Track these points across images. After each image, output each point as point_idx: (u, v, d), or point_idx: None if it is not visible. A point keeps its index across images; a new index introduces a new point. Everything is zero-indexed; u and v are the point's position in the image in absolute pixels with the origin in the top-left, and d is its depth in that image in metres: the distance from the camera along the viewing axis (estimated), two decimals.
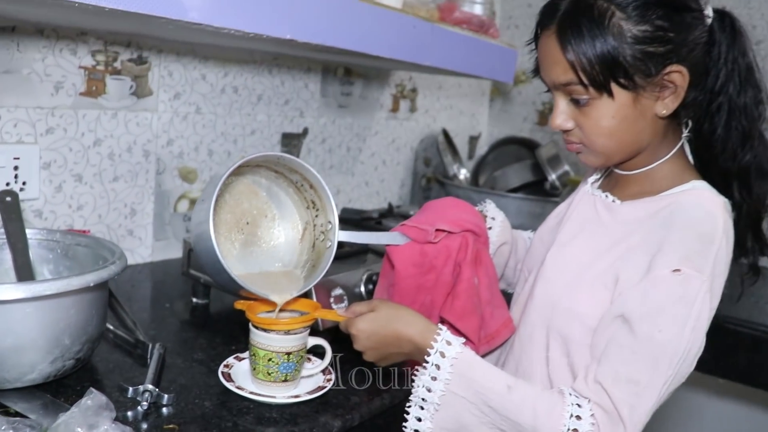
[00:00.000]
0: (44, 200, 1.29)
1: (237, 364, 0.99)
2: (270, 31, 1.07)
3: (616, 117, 0.86)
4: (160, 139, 1.46)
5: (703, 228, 0.84)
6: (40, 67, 1.24)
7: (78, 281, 0.85)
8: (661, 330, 0.80)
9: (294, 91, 1.76)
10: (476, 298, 0.99)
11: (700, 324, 0.81)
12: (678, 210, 0.86)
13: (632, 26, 0.82)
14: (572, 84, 0.86)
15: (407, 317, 0.90)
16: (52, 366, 0.87)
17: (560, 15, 0.86)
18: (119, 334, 1.06)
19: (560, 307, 0.92)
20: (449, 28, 1.52)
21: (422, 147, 2.34)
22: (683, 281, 0.80)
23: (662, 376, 0.80)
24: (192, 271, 1.26)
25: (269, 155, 0.93)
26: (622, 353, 0.81)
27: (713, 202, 0.87)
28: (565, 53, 0.84)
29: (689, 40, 0.84)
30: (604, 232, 0.93)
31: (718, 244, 0.83)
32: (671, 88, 0.85)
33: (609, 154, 0.90)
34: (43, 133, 1.26)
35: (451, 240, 1.00)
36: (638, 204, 0.92)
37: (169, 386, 0.94)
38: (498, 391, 0.82)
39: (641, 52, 0.82)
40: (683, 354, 0.80)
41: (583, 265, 0.92)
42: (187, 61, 1.48)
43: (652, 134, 0.89)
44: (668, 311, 0.80)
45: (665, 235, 0.84)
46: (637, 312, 0.81)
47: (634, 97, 0.85)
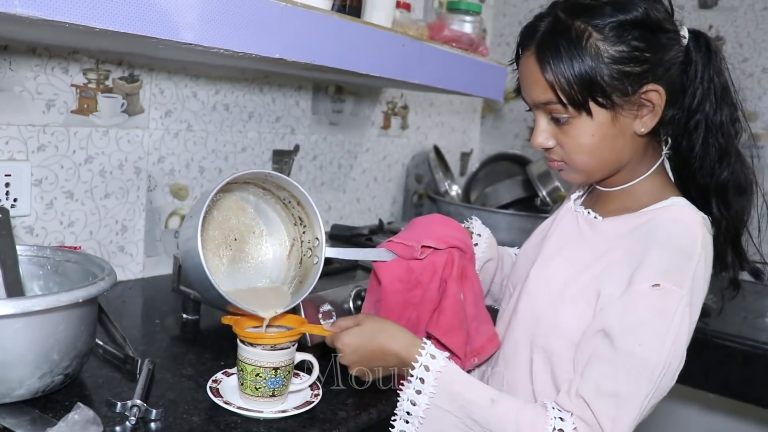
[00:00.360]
0: (35, 217, 1.30)
1: (225, 379, 1.00)
2: (259, 51, 1.08)
3: (595, 135, 0.88)
4: (152, 156, 1.47)
5: (682, 243, 0.86)
6: (32, 85, 1.25)
7: (67, 297, 0.86)
8: (641, 344, 0.81)
9: (285, 108, 1.77)
10: (462, 314, 1.00)
11: (680, 338, 0.82)
12: (657, 226, 0.88)
13: (609, 47, 0.84)
14: (552, 103, 0.88)
15: (392, 331, 0.91)
16: (41, 381, 0.88)
17: (539, 36, 0.88)
18: (108, 349, 1.07)
19: (543, 322, 0.93)
20: (438, 47, 1.54)
21: (413, 164, 2.36)
22: (663, 296, 0.82)
23: (643, 389, 0.81)
24: (182, 287, 1.27)
25: (257, 172, 0.94)
26: (603, 367, 0.82)
27: (692, 218, 0.89)
28: (544, 73, 0.86)
29: (665, 60, 0.86)
30: (586, 247, 0.95)
31: (696, 259, 0.84)
32: (649, 106, 0.87)
33: (590, 171, 0.92)
34: (35, 150, 1.28)
35: (438, 256, 1.01)
36: (619, 220, 0.93)
37: (158, 401, 0.94)
38: (481, 405, 0.83)
39: (618, 71, 0.84)
40: (664, 368, 0.81)
41: (566, 281, 0.93)
42: (178, 79, 1.49)
43: (632, 152, 0.91)
44: (648, 325, 0.81)
45: (645, 250, 0.86)
46: (617, 326, 0.83)
47: (612, 115, 0.87)
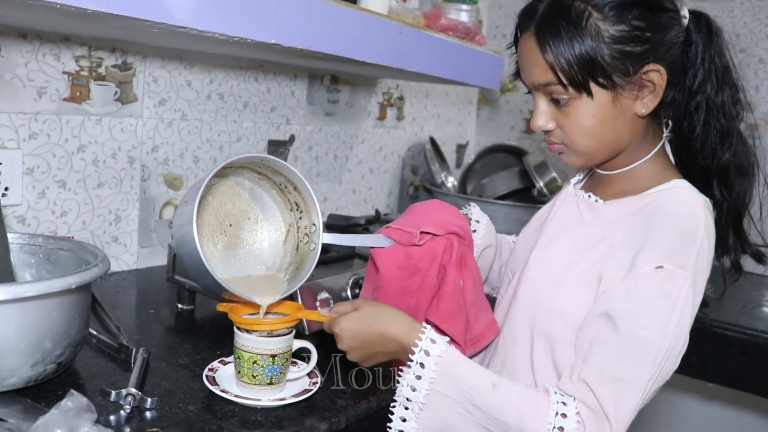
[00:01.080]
0: (27, 206, 1.28)
1: (222, 368, 0.98)
2: (254, 35, 1.07)
3: (596, 116, 0.87)
4: (145, 145, 1.45)
5: (685, 225, 0.85)
6: (23, 72, 1.23)
7: (60, 283, 0.84)
8: (645, 327, 0.80)
9: (280, 98, 1.76)
10: (461, 301, 0.99)
11: (684, 321, 0.81)
12: (659, 208, 0.87)
13: (609, 26, 0.83)
14: (552, 84, 0.87)
15: (391, 316, 0.89)
16: (33, 370, 0.86)
17: (538, 17, 0.87)
18: (102, 338, 1.05)
19: (544, 307, 0.92)
20: (435, 35, 1.53)
21: (409, 155, 2.34)
22: (666, 278, 0.81)
23: (647, 373, 0.80)
24: (177, 276, 1.25)
25: (253, 156, 0.92)
26: (606, 351, 0.81)
27: (694, 200, 0.88)
28: (543, 54, 0.85)
29: (666, 40, 0.85)
30: (587, 231, 0.94)
31: (699, 241, 0.84)
32: (650, 87, 0.86)
33: (590, 153, 0.91)
34: (26, 139, 1.26)
35: (436, 242, 1.00)
36: (620, 203, 0.92)
37: (153, 390, 0.93)
38: (483, 390, 0.82)
39: (619, 51, 0.83)
40: (667, 351, 0.80)
41: (567, 264, 0.92)
42: (172, 68, 1.47)
43: (632, 133, 0.90)
44: (651, 308, 0.80)
45: (647, 232, 0.85)
46: (620, 309, 0.82)
47: (613, 96, 0.86)
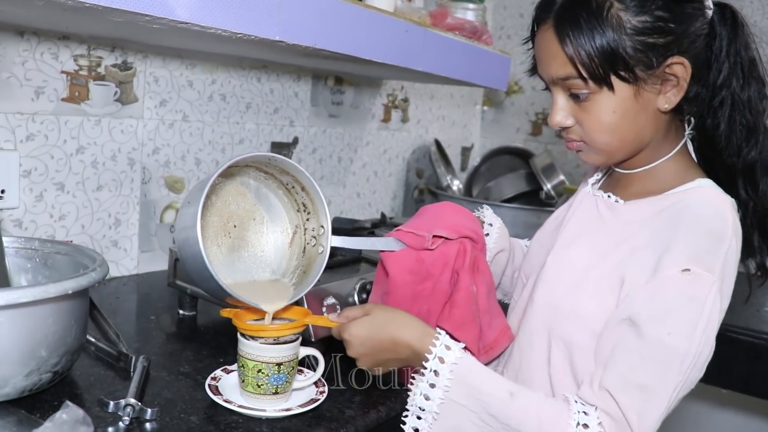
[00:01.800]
0: (24, 209, 1.24)
1: (225, 376, 0.94)
2: (258, 32, 1.03)
3: (617, 111, 0.83)
4: (146, 147, 1.42)
5: (713, 226, 0.81)
6: (20, 71, 1.19)
7: (56, 288, 0.80)
8: (671, 332, 0.76)
9: (283, 99, 1.72)
10: (475, 307, 0.95)
11: (711, 326, 0.77)
12: (685, 208, 0.83)
13: (631, 17, 0.80)
14: (571, 78, 0.83)
15: (404, 321, 0.86)
16: (28, 380, 0.82)
17: (557, 8, 0.84)
18: (101, 346, 1.01)
19: (562, 311, 0.88)
20: (443, 34, 1.50)
21: (414, 158, 2.31)
22: (693, 281, 0.77)
23: (672, 381, 0.76)
24: (178, 281, 1.22)
25: (260, 155, 0.89)
26: (629, 358, 0.78)
27: (721, 200, 0.84)
28: (563, 46, 0.82)
29: (690, 32, 0.82)
30: (608, 232, 0.90)
31: (728, 243, 0.80)
32: (673, 81, 0.83)
33: (610, 151, 0.87)
34: (24, 140, 1.22)
35: (449, 246, 0.96)
36: (642, 203, 0.89)
37: (153, 400, 0.89)
38: (500, 398, 0.78)
39: (642, 43, 0.80)
40: (694, 358, 0.76)
41: (586, 267, 0.88)
42: (173, 67, 1.44)
43: (654, 130, 0.87)
44: (678, 313, 0.76)
45: (673, 233, 0.81)
46: (644, 314, 0.78)
47: (635, 90, 0.82)
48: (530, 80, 2.55)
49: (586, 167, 1.06)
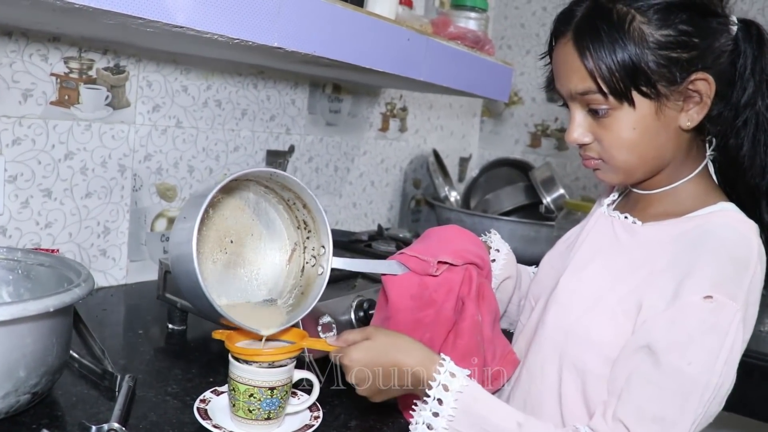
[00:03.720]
0: (9, 216, 1.19)
1: (215, 399, 0.89)
2: (256, 38, 1.00)
3: (637, 128, 0.80)
4: (138, 153, 1.37)
5: (737, 252, 0.77)
6: (7, 72, 1.15)
7: (36, 306, 0.75)
8: (691, 363, 0.72)
9: (280, 106, 1.68)
10: (480, 337, 0.91)
11: (733, 357, 0.74)
12: (708, 232, 0.80)
13: (654, 30, 0.77)
14: (591, 93, 0.80)
15: (406, 346, 0.81)
16: (4, 402, 0.77)
17: (577, 21, 0.81)
18: (85, 363, 0.96)
19: (575, 336, 0.84)
20: (445, 43, 1.46)
21: (411, 168, 2.27)
22: (715, 309, 0.73)
23: (691, 413, 0.72)
24: (168, 294, 1.17)
25: (262, 171, 0.85)
26: (646, 388, 0.74)
27: (746, 225, 0.81)
28: (583, 60, 0.79)
29: (715, 47, 0.79)
30: (625, 255, 0.86)
31: (753, 270, 0.76)
32: (696, 98, 0.80)
33: (629, 169, 0.84)
34: (10, 144, 1.17)
35: (454, 273, 0.93)
36: (662, 226, 0.85)
37: (138, 423, 0.84)
38: (508, 430, 0.74)
39: (664, 57, 0.77)
40: (714, 390, 0.73)
41: (601, 291, 0.84)
42: (167, 72, 1.39)
43: (675, 149, 0.83)
44: (698, 342, 0.73)
45: (695, 258, 0.77)
46: (663, 342, 0.74)
47: (656, 107, 0.79)
48: (530, 91, 2.52)
49: (585, 181, 1.03)
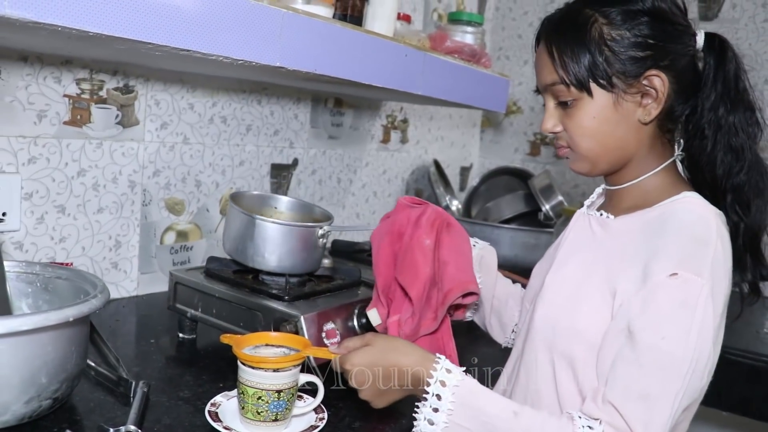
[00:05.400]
0: (25, 232, 1.24)
1: (225, 402, 0.94)
2: (259, 59, 1.05)
3: (597, 118, 0.88)
4: (147, 169, 1.43)
5: (697, 231, 0.83)
6: (23, 95, 1.20)
7: (56, 316, 0.80)
8: (665, 337, 0.77)
9: (283, 121, 1.73)
10: (424, 256, 1.03)
11: (705, 331, 0.78)
12: (670, 216, 0.86)
13: (612, 30, 0.86)
14: (556, 84, 0.89)
15: (404, 348, 0.86)
16: (27, 407, 0.82)
17: (549, 23, 0.92)
18: (101, 371, 1.01)
19: (561, 327, 0.89)
20: (441, 57, 1.51)
21: (413, 178, 2.32)
22: (682, 285, 0.78)
23: (673, 387, 0.77)
24: (178, 305, 1.22)
25: None
26: (628, 368, 0.78)
27: (705, 208, 0.86)
28: (549, 55, 0.89)
29: (671, 49, 0.86)
30: (599, 247, 0.92)
31: (714, 246, 0.81)
32: (652, 94, 0.87)
33: (593, 157, 0.91)
34: (26, 163, 1.23)
35: (415, 210, 1.08)
36: (631, 217, 0.91)
37: (153, 426, 0.89)
38: (504, 419, 0.78)
39: (620, 54, 0.86)
40: (691, 362, 0.77)
41: (581, 283, 0.90)
42: (174, 91, 1.45)
43: (637, 142, 0.90)
44: (670, 317, 0.78)
45: (659, 241, 0.83)
46: (637, 322, 0.79)
47: (614, 99, 0.87)
48: (528, 101, 2.57)
49: (585, 188, 1.09)
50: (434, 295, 1.03)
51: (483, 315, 1.20)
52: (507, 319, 1.17)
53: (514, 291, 1.18)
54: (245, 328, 1.11)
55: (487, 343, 1.25)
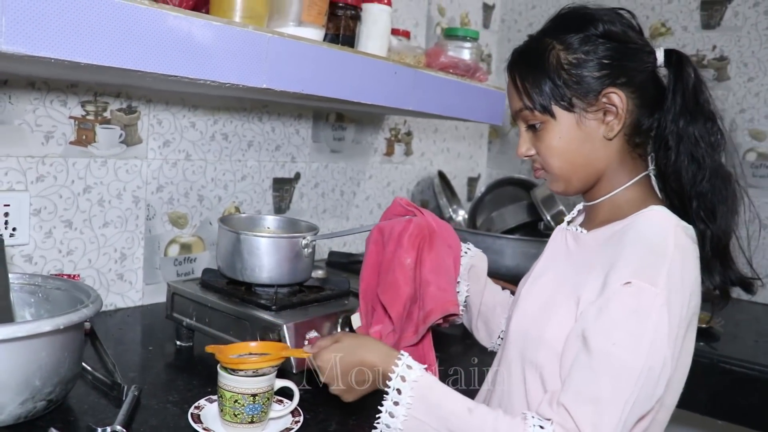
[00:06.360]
0: (34, 245, 1.33)
1: (208, 405, 1.00)
2: (247, 81, 1.10)
3: (563, 138, 0.93)
4: (150, 185, 1.50)
5: (653, 242, 0.86)
6: (31, 117, 1.29)
7: (48, 324, 0.87)
8: (615, 343, 0.80)
9: (285, 137, 1.80)
10: (404, 275, 1.06)
11: (659, 339, 0.80)
12: (630, 228, 0.89)
13: (569, 55, 0.92)
14: (523, 110, 0.95)
15: (370, 345, 0.92)
16: (23, 407, 0.89)
17: (514, 54, 0.98)
18: (97, 375, 1.08)
19: (531, 337, 0.93)
20: (432, 73, 1.56)
21: (419, 189, 2.37)
22: (635, 293, 0.81)
23: (623, 393, 0.79)
24: (175, 314, 1.28)
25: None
26: (582, 373, 0.82)
27: (665, 220, 0.90)
28: (514, 84, 0.95)
29: (627, 67, 0.91)
30: (571, 260, 0.96)
31: (670, 257, 0.84)
32: (613, 110, 0.91)
33: (565, 176, 0.95)
34: (34, 181, 1.31)
35: (401, 222, 1.11)
36: (601, 230, 0.95)
37: (140, 428, 0.95)
38: (458, 415, 0.83)
39: (576, 75, 0.91)
40: (643, 369, 0.79)
41: (551, 294, 0.94)
42: (176, 110, 1.53)
43: (606, 158, 0.94)
44: (622, 325, 0.81)
45: (618, 252, 0.86)
46: (592, 329, 0.82)
47: (577, 118, 0.92)
48: None
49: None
50: (415, 312, 1.07)
51: (470, 320, 1.24)
52: (494, 325, 1.21)
53: (503, 299, 1.22)
54: (235, 336, 1.17)
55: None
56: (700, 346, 1.71)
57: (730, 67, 2.26)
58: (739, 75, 2.24)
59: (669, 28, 2.36)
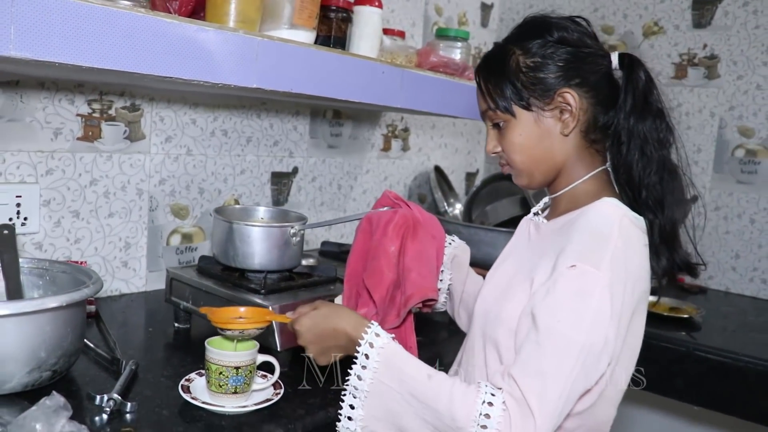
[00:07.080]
0: (44, 234, 1.43)
1: (197, 378, 1.10)
2: (237, 81, 1.19)
3: (523, 135, 1.01)
4: (153, 178, 1.60)
5: (598, 229, 0.94)
6: (41, 115, 1.39)
7: (52, 301, 0.97)
8: (560, 321, 0.88)
9: (283, 133, 1.89)
10: (389, 262, 1.14)
11: (601, 318, 0.88)
12: (581, 217, 0.97)
13: (527, 59, 1.00)
14: (488, 110, 1.03)
15: (344, 313, 1.01)
16: (30, 376, 0.99)
17: (481, 60, 1.06)
18: (99, 351, 1.18)
19: (491, 317, 1.02)
20: (420, 72, 1.64)
21: (416, 184, 2.45)
22: (579, 276, 0.89)
23: (566, 367, 0.87)
24: (173, 298, 1.38)
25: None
26: (530, 347, 0.90)
27: (613, 210, 0.97)
28: (479, 86, 1.04)
29: (581, 69, 0.99)
30: (530, 247, 1.05)
31: (614, 243, 0.92)
32: (568, 109, 0.99)
33: (528, 170, 1.03)
34: (44, 174, 1.41)
35: (387, 213, 1.19)
36: (559, 219, 1.03)
37: (135, 397, 1.05)
38: (419, 380, 0.91)
39: (533, 78, 0.99)
40: (585, 345, 0.87)
41: (511, 279, 1.03)
42: (177, 108, 1.62)
43: (564, 153, 1.02)
44: (566, 304, 0.89)
45: (567, 238, 0.95)
46: (539, 307, 0.91)
47: (535, 117, 1.00)
48: None
49: None
50: (398, 296, 1.16)
51: (453, 307, 1.33)
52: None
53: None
54: None
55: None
56: (680, 335, 1.79)
57: (720, 66, 2.31)
58: (728, 73, 2.30)
59: (661, 27, 2.42)
